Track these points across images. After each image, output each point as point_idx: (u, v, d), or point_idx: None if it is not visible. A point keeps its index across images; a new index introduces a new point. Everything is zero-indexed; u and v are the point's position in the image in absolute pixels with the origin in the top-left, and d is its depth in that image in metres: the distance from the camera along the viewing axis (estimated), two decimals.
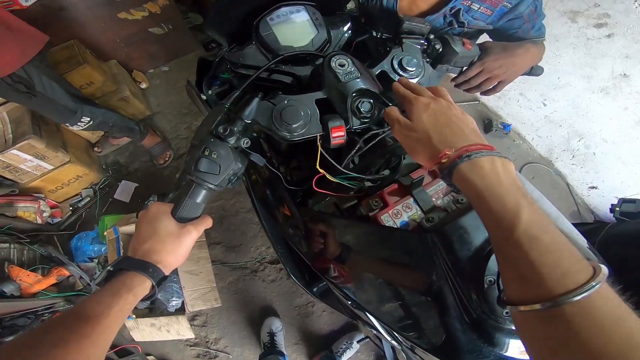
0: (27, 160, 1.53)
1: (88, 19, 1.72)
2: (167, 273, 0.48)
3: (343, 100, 0.55)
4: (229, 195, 1.90)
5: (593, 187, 2.04)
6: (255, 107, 0.54)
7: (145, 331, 1.51)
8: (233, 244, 1.82)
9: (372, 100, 0.56)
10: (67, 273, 1.59)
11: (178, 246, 0.49)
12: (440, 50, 0.68)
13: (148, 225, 0.49)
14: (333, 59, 0.56)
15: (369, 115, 0.56)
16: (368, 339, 1.60)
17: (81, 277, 1.61)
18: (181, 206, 0.51)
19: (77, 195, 1.89)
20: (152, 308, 1.56)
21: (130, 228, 1.55)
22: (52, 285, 1.56)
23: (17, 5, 1.34)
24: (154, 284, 0.46)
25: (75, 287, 1.61)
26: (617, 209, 1.01)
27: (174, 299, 1.50)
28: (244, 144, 0.53)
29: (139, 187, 1.93)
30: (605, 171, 1.95)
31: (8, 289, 1.40)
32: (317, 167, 0.55)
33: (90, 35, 1.79)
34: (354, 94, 0.55)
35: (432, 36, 0.67)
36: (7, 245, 1.52)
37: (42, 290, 1.50)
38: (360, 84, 0.55)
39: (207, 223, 0.54)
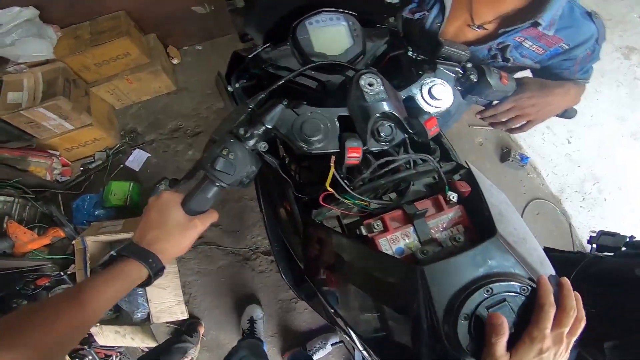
0: (51, 119, 1.57)
1: None
2: (166, 264, 0.50)
3: (365, 120, 0.54)
4: None
5: (594, 232, 2.01)
6: (279, 114, 0.54)
7: (109, 337, 1.51)
8: (230, 229, 1.83)
9: (393, 125, 0.56)
10: (62, 235, 1.57)
11: (183, 238, 0.50)
12: (475, 81, 0.65)
13: (158, 213, 0.50)
14: (363, 76, 0.56)
15: (388, 139, 0.56)
16: (342, 344, 1.62)
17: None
18: (192, 199, 0.52)
19: (90, 156, 1.93)
20: (117, 316, 1.56)
21: (99, 238, 1.49)
22: (45, 245, 1.56)
23: None
24: (151, 275, 0.48)
25: (66, 250, 1.60)
26: (594, 244, 0.99)
27: (139, 310, 1.50)
28: (262, 147, 0.54)
29: (152, 157, 1.96)
30: (612, 218, 1.94)
31: (2, 245, 1.39)
32: (327, 186, 0.55)
33: (138, 8, 1.82)
34: (377, 116, 0.54)
35: (469, 65, 0.64)
36: (12, 199, 1.53)
37: (34, 250, 1.49)
38: (385, 106, 0.54)
39: (214, 217, 0.55)
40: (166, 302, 1.54)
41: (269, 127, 0.53)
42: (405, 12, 0.75)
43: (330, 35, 0.66)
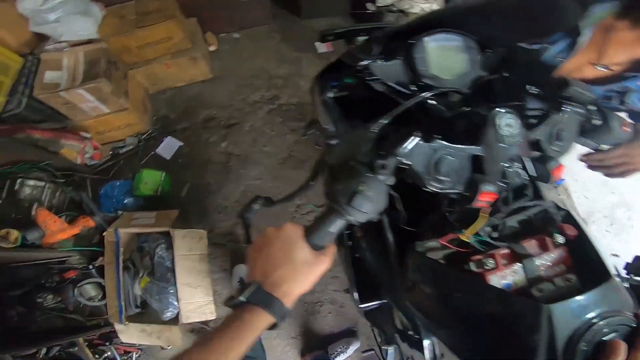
0: (89, 101, 1.51)
1: None
2: (289, 305, 0.46)
3: (495, 161, 0.51)
4: (269, 177, 1.87)
5: (615, 255, 2.05)
6: (416, 148, 0.50)
7: (134, 335, 1.44)
8: (261, 228, 1.79)
9: (520, 169, 0.53)
10: (92, 224, 1.47)
11: (310, 276, 0.47)
12: (598, 125, 0.61)
13: (283, 248, 0.47)
14: (500, 115, 0.52)
15: (512, 182, 0.53)
16: (372, 352, 1.61)
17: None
18: (317, 232, 0.49)
19: (121, 140, 1.87)
20: (144, 313, 1.48)
21: (132, 230, 1.43)
22: (73, 235, 1.45)
23: None
24: (277, 322, 0.46)
25: (91, 240, 1.51)
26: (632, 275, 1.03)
27: (169, 309, 1.44)
28: (391, 182, 0.50)
29: (183, 146, 1.90)
30: (636, 243, 1.96)
31: (32, 236, 1.28)
32: (468, 235, 0.52)
33: None
34: (510, 159, 0.52)
35: (592, 107, 0.60)
36: (43, 184, 1.42)
37: (62, 240, 1.39)
38: (519, 150, 0.52)
39: (334, 250, 0.52)
40: (196, 302, 1.49)
41: (405, 161, 0.49)
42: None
43: (447, 57, 0.63)
